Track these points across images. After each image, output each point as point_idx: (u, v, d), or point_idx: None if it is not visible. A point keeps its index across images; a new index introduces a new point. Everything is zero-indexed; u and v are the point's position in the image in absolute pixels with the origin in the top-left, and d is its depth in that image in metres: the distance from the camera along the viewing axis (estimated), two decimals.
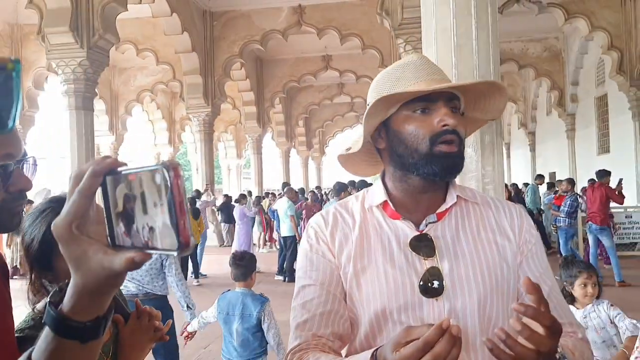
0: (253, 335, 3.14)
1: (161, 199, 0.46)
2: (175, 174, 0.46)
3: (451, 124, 1.00)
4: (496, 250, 1.07)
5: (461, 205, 1.11)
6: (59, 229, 0.51)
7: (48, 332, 0.56)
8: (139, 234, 0.49)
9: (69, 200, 0.51)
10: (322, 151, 26.82)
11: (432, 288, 1.01)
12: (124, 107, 16.25)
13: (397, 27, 8.31)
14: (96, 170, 0.50)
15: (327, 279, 1.08)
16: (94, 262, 0.51)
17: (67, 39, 7.75)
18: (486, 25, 2.83)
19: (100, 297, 0.55)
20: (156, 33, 12.18)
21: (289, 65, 15.99)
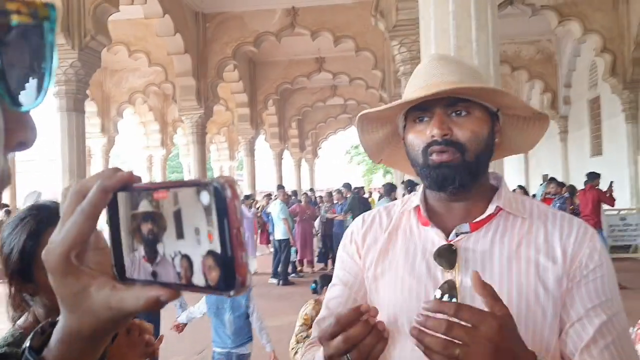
0: (244, 322, 3.57)
1: (209, 225, 0.36)
2: (233, 194, 0.35)
3: (436, 135, 0.94)
4: (534, 272, 0.95)
5: (505, 218, 1.00)
6: (53, 259, 0.40)
7: None
8: (168, 264, 0.38)
9: (65, 222, 0.40)
10: (315, 153, 26.78)
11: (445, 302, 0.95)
12: (115, 109, 16.11)
13: (392, 28, 8.28)
14: (107, 185, 0.40)
15: (350, 280, 1.09)
16: (98, 301, 0.40)
17: (59, 40, 7.65)
18: (486, 26, 2.80)
19: (98, 343, 0.44)
20: (148, 34, 12.08)
21: (282, 67, 15.94)
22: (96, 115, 15.79)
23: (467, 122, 0.96)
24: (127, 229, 0.41)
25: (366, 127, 1.12)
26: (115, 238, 0.42)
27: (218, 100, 13.30)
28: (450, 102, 0.96)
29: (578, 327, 0.92)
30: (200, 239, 0.36)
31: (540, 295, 0.94)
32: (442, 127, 0.94)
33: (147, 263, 0.40)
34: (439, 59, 1.02)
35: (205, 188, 0.36)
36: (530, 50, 14.55)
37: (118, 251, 0.42)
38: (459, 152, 0.95)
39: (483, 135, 0.97)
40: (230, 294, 0.36)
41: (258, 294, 8.18)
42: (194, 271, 0.37)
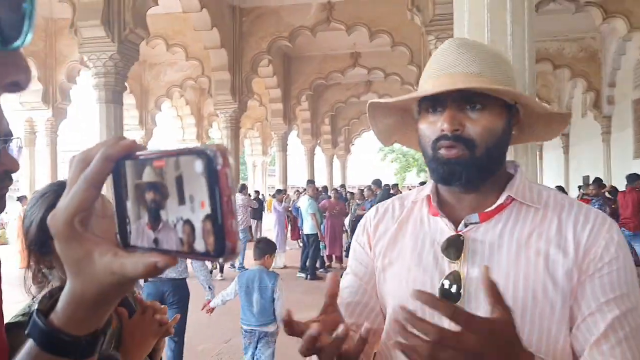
0: (269, 304, 3.83)
1: (202, 193, 0.36)
2: (224, 162, 0.36)
3: (446, 129, 0.91)
4: (543, 264, 0.91)
5: (518, 208, 0.97)
6: (57, 224, 0.41)
7: (32, 347, 0.46)
8: (171, 230, 0.39)
9: (70, 189, 0.41)
10: (348, 149, 26.71)
11: (450, 293, 0.93)
12: (153, 101, 16.46)
13: (428, 23, 8.16)
14: (110, 153, 0.40)
15: (361, 271, 1.09)
16: (101, 266, 0.41)
17: (99, 33, 7.85)
18: (522, 20, 2.71)
19: (102, 307, 0.45)
20: (186, 28, 12.28)
21: (317, 62, 15.93)
22: (135, 108, 16.17)
23: (481, 118, 0.92)
24: (130, 197, 0.41)
25: (378, 115, 1.11)
26: (119, 206, 0.42)
27: (252, 95, 13.41)
28: (465, 94, 0.92)
29: (589, 322, 0.89)
30: (194, 206, 0.37)
31: (549, 289, 0.90)
32: (452, 122, 0.91)
33: (149, 230, 0.40)
34: (458, 45, 0.97)
35: (199, 156, 0.36)
36: (573, 48, 14.11)
37: (122, 218, 0.42)
38: (467, 149, 0.92)
39: (497, 131, 0.93)
40: (219, 260, 0.37)
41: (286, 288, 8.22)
42: (195, 236, 0.37)
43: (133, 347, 1.18)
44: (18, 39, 0.30)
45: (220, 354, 5.40)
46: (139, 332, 1.19)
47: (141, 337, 1.19)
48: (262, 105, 17.47)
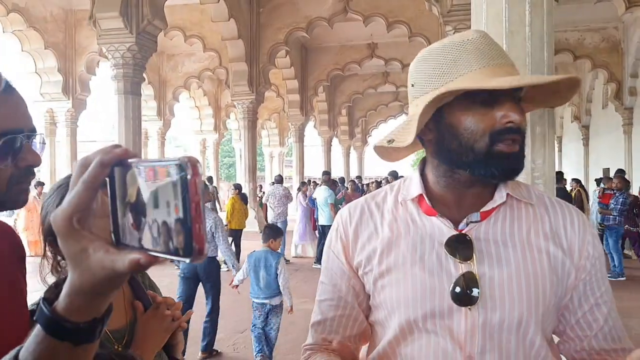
0: (273, 280, 4.47)
1: (176, 199, 0.40)
2: (194, 172, 0.40)
3: (516, 121, 0.87)
4: (547, 261, 0.92)
5: (512, 205, 0.96)
6: (57, 222, 0.46)
7: (39, 330, 0.51)
8: (149, 230, 0.43)
9: (71, 191, 0.46)
10: (365, 141, 26.63)
11: (466, 295, 0.89)
12: (171, 92, 16.58)
13: (446, 13, 8.07)
14: (104, 159, 0.45)
15: (338, 281, 1.03)
16: (94, 261, 0.46)
17: (117, 24, 7.92)
18: (541, 10, 2.67)
19: (98, 298, 0.50)
20: (204, 20, 12.32)
21: (334, 53, 15.88)
22: (153, 99, 16.31)
23: (522, 109, 0.91)
24: (120, 199, 0.46)
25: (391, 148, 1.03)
26: (113, 207, 0.46)
27: (269, 86, 13.43)
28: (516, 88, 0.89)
29: (589, 317, 0.94)
30: (170, 211, 0.41)
31: (555, 285, 0.92)
32: (519, 113, 0.88)
33: (134, 230, 0.44)
34: (485, 35, 0.93)
35: (174, 166, 0.40)
36: (595, 38, 13.82)
37: (115, 218, 0.46)
38: (524, 141, 0.90)
39: None
40: (187, 261, 0.40)
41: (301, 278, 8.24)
42: (170, 237, 0.41)
43: (145, 339, 1.21)
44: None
45: (235, 344, 5.46)
46: (152, 326, 1.22)
47: (153, 331, 1.22)
48: (279, 96, 17.49)
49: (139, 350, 1.19)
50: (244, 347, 5.37)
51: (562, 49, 13.14)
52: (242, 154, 13.68)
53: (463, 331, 0.90)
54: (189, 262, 0.41)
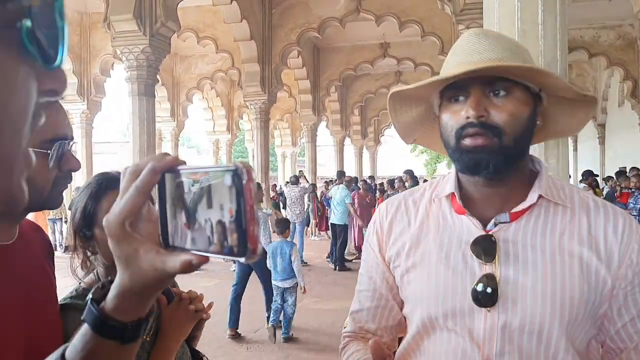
0: (288, 265, 5.46)
1: (231, 202, 0.43)
2: (249, 177, 0.43)
3: (472, 116, 0.88)
4: (578, 267, 0.88)
5: (547, 207, 0.93)
6: (111, 225, 0.48)
7: (86, 330, 0.53)
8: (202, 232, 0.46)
9: (123, 196, 0.48)
10: (377, 140, 26.55)
11: (485, 295, 0.89)
12: (185, 94, 16.67)
13: (459, 12, 8.02)
14: (156, 167, 0.48)
15: (373, 274, 1.07)
16: (145, 262, 0.48)
17: (131, 27, 7.99)
18: (554, 8, 2.65)
19: (146, 298, 0.53)
20: (216, 21, 12.38)
21: (346, 53, 15.86)
22: (167, 100, 16.42)
23: (507, 104, 0.89)
24: (171, 203, 0.49)
25: (399, 106, 1.07)
26: (162, 211, 0.49)
27: (282, 87, 13.45)
28: (488, 81, 0.89)
29: (629, 330, 0.89)
30: (224, 213, 0.43)
31: (585, 293, 0.88)
32: (477, 109, 0.88)
33: (187, 229, 0.47)
34: (478, 34, 0.95)
35: (228, 172, 0.43)
36: (610, 36, 13.65)
37: (164, 222, 0.49)
38: (495, 136, 0.89)
39: (523, 118, 0.90)
40: (242, 260, 0.44)
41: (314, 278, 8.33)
42: (224, 238, 0.44)
43: (171, 331, 1.28)
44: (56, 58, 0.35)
45: (249, 343, 5.48)
46: (176, 319, 1.29)
47: (178, 323, 1.29)
48: (292, 97, 17.51)
49: (166, 339, 1.27)
50: (257, 347, 5.39)
51: (577, 46, 13.00)
52: (255, 154, 13.72)
53: (482, 332, 0.90)
54: (244, 261, 0.45)
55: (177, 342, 1.29)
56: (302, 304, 6.78)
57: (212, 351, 4.96)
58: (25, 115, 0.34)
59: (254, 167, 9.60)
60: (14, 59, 0.33)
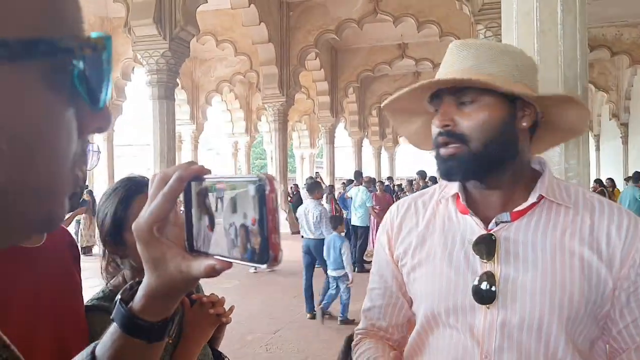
0: (339, 257, 6.10)
1: (254, 211, 0.45)
2: (271, 188, 0.44)
3: (437, 126, 0.94)
4: (579, 266, 0.89)
5: (550, 206, 0.95)
6: (140, 230, 0.51)
7: (115, 329, 0.56)
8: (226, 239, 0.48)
9: (151, 202, 0.51)
10: (396, 141, 26.45)
11: (484, 293, 0.92)
12: (204, 97, 16.83)
13: (477, 12, 7.97)
14: (183, 175, 0.50)
15: (384, 272, 1.12)
16: (172, 266, 0.51)
17: (151, 31, 8.11)
18: (573, 7, 2.63)
19: (172, 299, 0.55)
20: (235, 24, 12.48)
21: (364, 54, 15.85)
22: (186, 103, 16.60)
23: (473, 111, 0.92)
24: (196, 210, 0.51)
25: (400, 120, 1.11)
26: (188, 217, 0.52)
27: (299, 88, 13.50)
28: (457, 90, 0.93)
29: (632, 330, 0.90)
30: (247, 222, 0.46)
31: (585, 293, 0.89)
32: (442, 119, 0.93)
33: (211, 236, 0.49)
34: (458, 45, 0.98)
35: (252, 182, 0.45)
36: (633, 34, 13.40)
37: (189, 228, 0.52)
38: (463, 143, 0.92)
39: (492, 123, 0.92)
40: (263, 267, 0.45)
41: None
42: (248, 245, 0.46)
43: (192, 334, 1.30)
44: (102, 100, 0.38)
45: (268, 344, 5.51)
46: (197, 322, 1.31)
47: (199, 327, 1.31)
48: (310, 98, 17.55)
49: (187, 342, 1.29)
50: (276, 348, 5.42)
51: (598, 45, 12.80)
52: (273, 156, 13.79)
53: (481, 329, 0.93)
54: (265, 269, 0.46)
55: (198, 346, 1.32)
56: (321, 306, 6.80)
57: (233, 352, 5.00)
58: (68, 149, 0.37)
59: (273, 169, 9.76)
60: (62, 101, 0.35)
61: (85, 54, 0.35)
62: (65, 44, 0.34)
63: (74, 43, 0.35)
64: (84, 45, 0.35)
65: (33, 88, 0.33)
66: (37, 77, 0.33)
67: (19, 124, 0.32)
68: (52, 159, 0.35)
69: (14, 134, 0.32)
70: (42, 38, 0.33)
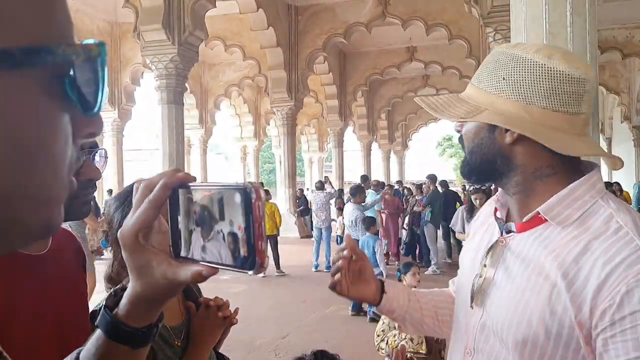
0: (372, 256, 6.48)
1: (240, 219, 0.46)
2: (257, 196, 0.45)
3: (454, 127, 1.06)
4: (548, 291, 0.84)
5: (554, 225, 0.89)
6: (125, 237, 0.51)
7: (100, 335, 0.57)
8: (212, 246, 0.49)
9: (136, 210, 0.51)
10: (405, 145, 26.40)
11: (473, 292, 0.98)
12: (212, 101, 16.91)
13: (486, 15, 7.94)
14: (168, 182, 0.51)
15: None
16: (158, 273, 0.51)
17: (160, 36, 8.15)
18: (583, 10, 2.60)
19: (156, 305, 0.56)
20: (243, 29, 12.53)
21: (372, 57, 15.84)
22: (195, 107, 16.67)
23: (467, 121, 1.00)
24: (182, 217, 0.51)
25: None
26: (173, 224, 0.52)
27: (308, 92, 13.52)
28: None
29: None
30: (233, 229, 0.46)
31: (546, 318, 0.83)
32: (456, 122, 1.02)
33: (197, 242, 0.50)
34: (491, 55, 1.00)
35: (238, 190, 0.46)
36: None
37: (174, 234, 0.52)
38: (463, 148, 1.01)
39: (470, 135, 0.99)
40: (249, 273, 0.46)
41: None
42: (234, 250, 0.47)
43: (201, 337, 1.33)
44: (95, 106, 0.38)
45: (277, 349, 5.49)
46: (205, 326, 1.34)
47: (207, 330, 1.34)
48: (318, 102, 17.57)
49: (196, 346, 1.33)
50: (285, 353, 5.40)
51: (609, 47, 12.69)
52: (282, 160, 13.81)
53: (472, 328, 0.99)
54: (252, 274, 0.46)
55: (207, 349, 1.34)
56: (329, 310, 6.77)
57: (241, 357, 4.99)
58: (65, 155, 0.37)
59: (281, 173, 9.92)
60: (59, 108, 0.36)
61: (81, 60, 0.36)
62: (63, 51, 0.34)
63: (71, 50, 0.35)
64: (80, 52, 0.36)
65: (33, 94, 0.34)
66: (36, 84, 0.34)
67: (20, 130, 0.33)
68: (50, 164, 0.36)
69: (16, 140, 0.33)
70: (41, 46, 0.33)
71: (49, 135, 0.35)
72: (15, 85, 0.32)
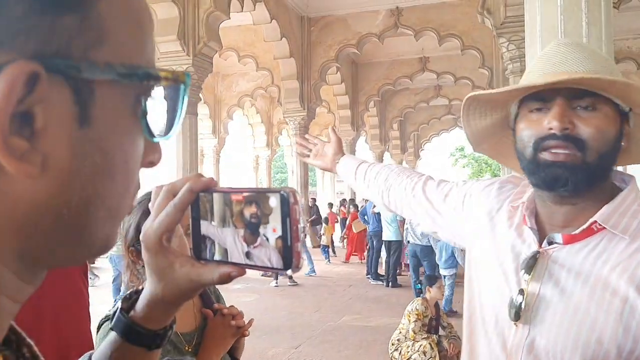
0: (451, 256, 7.19)
1: (275, 221, 0.47)
2: (295, 200, 0.47)
3: (555, 127, 0.83)
4: (619, 307, 0.80)
5: (609, 235, 0.85)
6: (149, 240, 0.52)
7: (115, 337, 0.57)
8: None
9: (158, 213, 0.52)
10: (417, 155, 26.32)
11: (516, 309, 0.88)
12: (226, 111, 17.01)
13: (500, 25, 7.93)
14: (193, 187, 0.51)
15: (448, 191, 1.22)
16: (181, 275, 0.52)
17: (175, 47, 8.25)
18: (599, 20, 2.59)
19: (174, 308, 0.57)
20: (256, 40, 12.63)
21: (385, 68, 15.87)
22: (208, 118, 16.78)
23: (593, 118, 0.84)
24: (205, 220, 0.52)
25: (473, 112, 1.03)
26: (195, 227, 0.53)
27: (320, 103, 13.56)
28: (575, 93, 0.84)
29: None
30: (267, 231, 0.48)
31: (619, 336, 0.80)
32: (562, 120, 0.84)
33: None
34: (568, 44, 0.91)
35: (276, 194, 0.47)
36: None
37: (197, 237, 0.53)
38: (579, 150, 0.84)
39: (610, 135, 0.85)
40: (286, 273, 0.50)
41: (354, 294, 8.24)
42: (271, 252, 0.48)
43: (212, 344, 1.35)
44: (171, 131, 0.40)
45: (290, 358, 5.48)
46: (218, 333, 1.36)
47: (220, 337, 1.36)
48: (330, 112, 17.60)
49: (207, 352, 1.34)
50: None
51: (624, 57, 12.59)
52: (294, 169, 13.84)
53: (510, 344, 0.91)
54: (287, 274, 0.48)
55: (217, 355, 1.36)
56: (342, 320, 6.74)
57: None
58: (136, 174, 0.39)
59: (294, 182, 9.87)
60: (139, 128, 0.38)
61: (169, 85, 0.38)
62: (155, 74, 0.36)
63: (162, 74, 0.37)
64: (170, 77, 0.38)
65: (125, 110, 0.35)
66: (128, 102, 0.36)
67: (111, 140, 0.34)
68: (126, 181, 0.37)
69: (104, 149, 0.34)
70: (139, 66, 0.36)
71: (129, 151, 0.36)
72: (112, 98, 0.34)
